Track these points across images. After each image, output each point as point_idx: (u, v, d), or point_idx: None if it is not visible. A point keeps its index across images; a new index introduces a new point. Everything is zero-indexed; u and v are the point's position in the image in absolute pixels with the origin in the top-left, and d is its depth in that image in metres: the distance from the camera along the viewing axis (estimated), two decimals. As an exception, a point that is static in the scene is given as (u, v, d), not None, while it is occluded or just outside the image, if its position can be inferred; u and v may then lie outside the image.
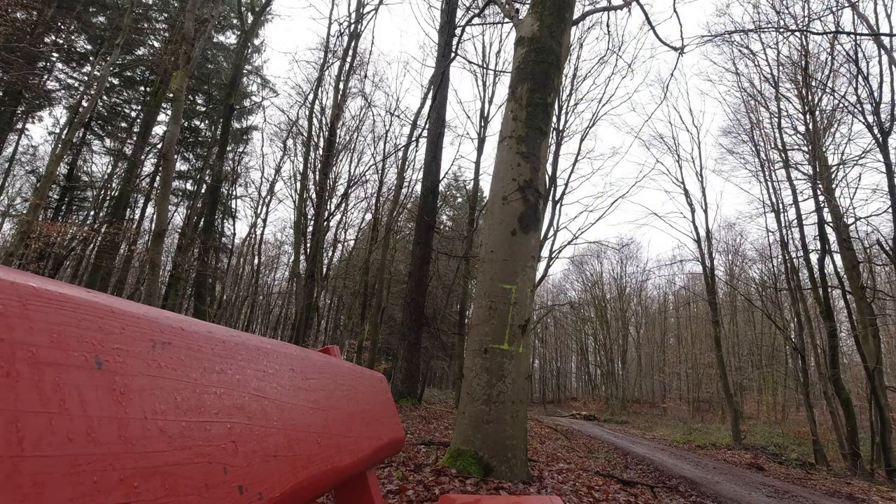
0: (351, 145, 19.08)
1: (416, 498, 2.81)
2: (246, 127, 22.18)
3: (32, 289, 0.36)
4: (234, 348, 0.64)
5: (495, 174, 4.26)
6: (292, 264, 17.60)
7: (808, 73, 12.34)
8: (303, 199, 16.21)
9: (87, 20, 16.26)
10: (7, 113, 13.70)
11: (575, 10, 5.20)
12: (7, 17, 10.97)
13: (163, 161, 8.25)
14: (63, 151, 11.28)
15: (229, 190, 21.35)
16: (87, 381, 0.38)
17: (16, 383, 0.32)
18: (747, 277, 25.48)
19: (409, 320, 11.01)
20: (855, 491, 7.23)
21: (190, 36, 7.80)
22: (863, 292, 10.01)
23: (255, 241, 22.92)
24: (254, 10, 18.68)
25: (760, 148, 15.88)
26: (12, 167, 17.12)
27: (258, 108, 21.90)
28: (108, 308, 0.43)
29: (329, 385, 0.97)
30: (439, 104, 9.56)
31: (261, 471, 0.60)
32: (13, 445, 0.31)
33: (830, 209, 11.43)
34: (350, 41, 15.77)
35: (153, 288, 6.60)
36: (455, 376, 16.46)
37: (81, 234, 14.79)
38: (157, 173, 17.47)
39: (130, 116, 19.18)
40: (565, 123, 16.71)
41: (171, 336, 0.51)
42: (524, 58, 4.43)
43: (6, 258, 10.58)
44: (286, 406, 0.74)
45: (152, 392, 0.45)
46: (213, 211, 16.49)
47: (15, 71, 11.54)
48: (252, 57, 20.80)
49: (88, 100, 13.72)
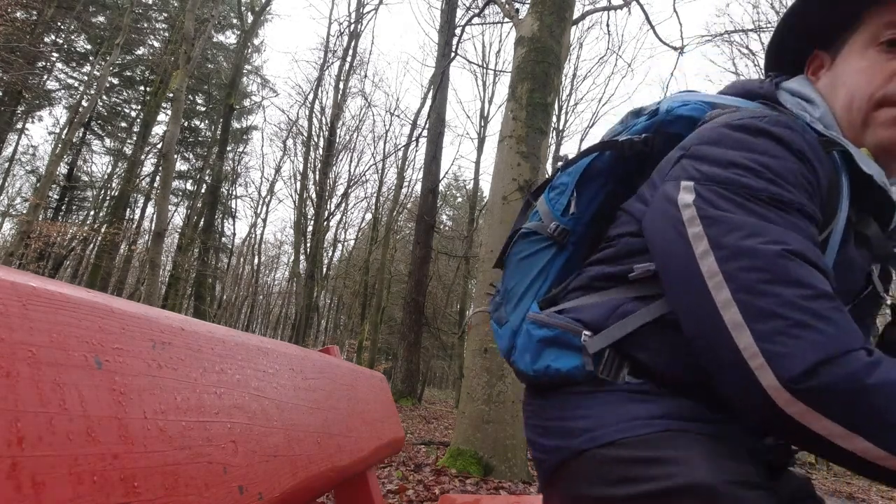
0: (351, 145, 19.11)
1: (416, 498, 2.81)
2: (246, 127, 22.20)
3: (32, 289, 0.36)
4: (233, 348, 0.64)
5: (495, 174, 4.26)
6: (292, 264, 17.62)
7: (808, 73, 12.35)
8: (303, 198, 16.22)
9: (86, 20, 16.27)
10: (7, 113, 13.71)
11: (575, 10, 5.20)
12: (7, 17, 10.97)
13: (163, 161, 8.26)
14: (63, 151, 11.29)
15: (229, 190, 21.37)
16: (87, 381, 0.38)
17: (16, 383, 0.32)
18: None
19: (409, 320, 11.01)
20: (855, 491, 7.24)
21: (190, 36, 7.81)
22: (863, 292, 10.04)
23: (255, 241, 22.95)
24: (254, 9, 18.69)
25: (760, 148, 15.87)
26: (12, 167, 17.14)
27: (258, 107, 21.92)
28: (108, 308, 0.43)
29: (329, 385, 0.97)
30: (439, 104, 9.58)
31: (261, 471, 0.60)
32: (13, 445, 0.31)
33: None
34: (350, 41, 15.78)
35: (153, 288, 6.61)
36: (455, 376, 16.50)
37: (81, 233, 14.80)
38: (157, 173, 17.47)
39: (130, 116, 19.18)
40: (565, 123, 16.73)
41: (171, 336, 0.51)
42: (524, 57, 4.43)
43: (6, 258, 10.59)
44: (286, 406, 0.74)
45: (152, 392, 0.45)
46: (213, 211, 16.51)
47: (15, 71, 11.55)
48: (252, 57, 20.82)
49: (88, 100, 13.73)
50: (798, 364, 0.49)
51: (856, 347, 0.50)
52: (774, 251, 0.53)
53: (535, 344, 0.72)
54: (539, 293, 0.79)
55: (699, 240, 0.57)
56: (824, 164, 0.61)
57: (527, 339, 0.74)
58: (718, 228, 0.56)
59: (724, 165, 0.60)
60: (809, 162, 0.60)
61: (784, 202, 0.57)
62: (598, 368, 0.65)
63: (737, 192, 0.57)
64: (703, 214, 0.57)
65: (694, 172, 0.61)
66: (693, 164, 0.62)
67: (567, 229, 0.79)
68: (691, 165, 0.62)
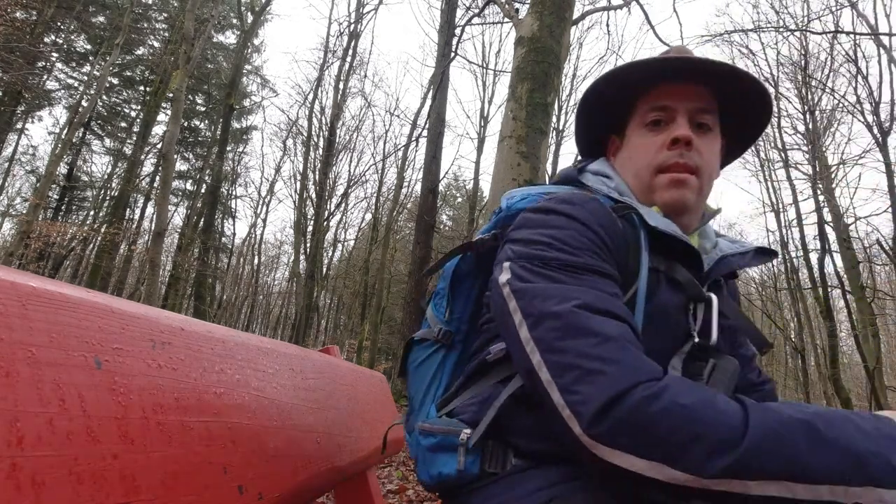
0: (351, 145, 19.11)
1: (416, 498, 2.81)
2: (246, 127, 22.18)
3: (32, 289, 0.36)
4: (233, 348, 0.64)
5: (495, 174, 4.26)
6: (292, 264, 17.62)
7: (807, 73, 12.34)
8: (303, 198, 16.23)
9: (86, 20, 16.26)
10: (7, 113, 13.70)
11: (575, 10, 5.20)
12: (7, 17, 10.97)
13: (163, 161, 8.26)
14: (63, 151, 11.29)
15: (229, 190, 21.35)
16: (86, 381, 0.38)
17: (15, 383, 0.32)
18: (747, 277, 25.48)
19: (408, 320, 11.00)
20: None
21: (190, 36, 7.80)
22: (863, 292, 10.02)
23: (255, 241, 22.93)
24: (254, 9, 18.69)
25: (760, 148, 15.86)
26: (12, 167, 17.12)
27: (258, 107, 21.90)
28: (108, 308, 0.43)
29: (329, 385, 0.97)
30: (439, 104, 9.58)
31: (261, 471, 0.60)
32: (13, 445, 0.31)
33: (830, 209, 11.44)
34: (350, 41, 15.78)
35: (153, 288, 6.61)
36: (455, 376, 16.44)
37: (81, 233, 14.79)
38: (156, 173, 17.46)
39: (130, 116, 19.18)
40: (565, 123, 16.71)
41: (170, 336, 0.51)
42: (524, 57, 4.43)
43: (6, 258, 10.58)
44: (286, 406, 0.74)
45: (152, 392, 0.45)
46: (213, 211, 16.50)
47: (15, 71, 11.54)
48: (252, 57, 20.81)
49: (88, 100, 13.74)
50: (591, 407, 0.54)
51: (642, 380, 0.54)
52: (567, 309, 0.60)
53: (426, 453, 0.74)
54: (437, 396, 0.82)
55: (515, 312, 0.64)
56: (614, 226, 0.72)
57: (418, 449, 0.76)
58: (525, 299, 0.64)
59: (526, 243, 0.69)
60: (592, 228, 0.69)
61: (573, 265, 0.65)
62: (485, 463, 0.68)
63: (536, 264, 0.66)
64: (514, 289, 0.66)
65: (510, 254, 0.70)
66: (509, 246, 0.72)
67: (450, 331, 0.84)
68: (508, 248, 0.72)
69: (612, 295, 0.64)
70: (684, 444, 0.50)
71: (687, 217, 0.80)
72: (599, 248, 0.68)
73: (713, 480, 0.50)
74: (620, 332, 0.59)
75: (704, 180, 0.79)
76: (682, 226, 0.78)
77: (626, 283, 0.70)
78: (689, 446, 0.50)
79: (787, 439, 0.50)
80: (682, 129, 0.77)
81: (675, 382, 0.55)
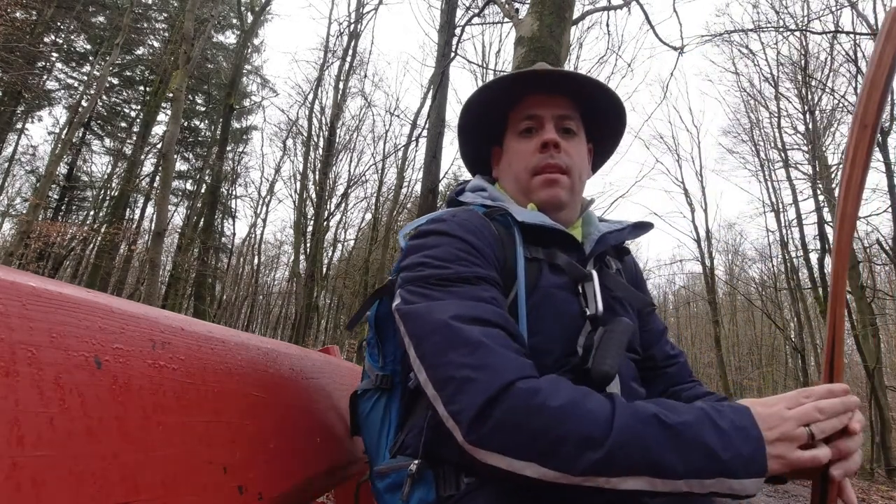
0: (351, 145, 19.08)
1: (416, 498, 2.80)
2: (246, 127, 22.16)
3: (32, 289, 0.36)
4: (233, 348, 0.64)
5: (495, 174, 4.26)
6: (292, 264, 17.63)
7: (807, 73, 12.34)
8: (303, 199, 16.22)
9: (86, 20, 16.26)
10: (7, 113, 13.70)
11: (575, 10, 5.20)
12: (7, 17, 10.97)
13: (163, 161, 8.26)
14: (63, 151, 11.29)
15: (229, 190, 21.33)
16: (87, 381, 0.38)
17: (16, 383, 0.32)
18: (747, 277, 25.47)
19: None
20: (854, 490, 7.23)
21: (190, 36, 7.81)
22: (862, 292, 10.01)
23: (255, 241, 22.92)
24: (254, 9, 18.68)
25: (760, 148, 15.90)
26: (12, 167, 17.11)
27: (258, 107, 21.87)
28: (108, 308, 0.43)
29: (329, 385, 0.97)
30: (439, 104, 9.58)
31: (261, 471, 0.60)
32: (13, 445, 0.31)
33: (830, 209, 11.44)
34: (350, 41, 15.77)
35: (153, 288, 6.61)
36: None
37: (81, 234, 14.79)
38: (156, 173, 17.45)
39: (130, 116, 19.16)
40: (565, 123, 16.64)
41: (170, 336, 0.51)
42: (524, 57, 4.43)
43: (6, 258, 10.59)
44: (286, 406, 0.74)
45: (152, 392, 0.45)
46: (213, 211, 16.49)
47: (15, 71, 11.54)
48: (252, 57, 20.79)
49: (88, 100, 13.73)
50: (468, 416, 0.56)
51: (511, 380, 0.57)
52: (442, 323, 0.63)
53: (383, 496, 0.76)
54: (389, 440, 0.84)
55: (405, 335, 0.67)
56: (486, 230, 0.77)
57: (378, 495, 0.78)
58: (409, 321, 0.67)
59: (409, 268, 0.73)
60: (462, 237, 0.74)
61: (446, 278, 0.69)
62: (439, 489, 0.70)
63: (418, 285, 0.70)
64: (402, 313, 0.69)
65: (400, 281, 0.74)
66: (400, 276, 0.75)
67: (388, 374, 0.87)
68: (399, 276, 0.75)
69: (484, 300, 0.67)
70: (554, 444, 0.53)
71: (565, 212, 0.87)
72: (470, 254, 0.72)
73: (582, 477, 0.53)
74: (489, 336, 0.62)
75: (575, 178, 0.87)
76: (562, 220, 0.86)
77: (508, 277, 0.75)
78: (558, 445, 0.53)
79: (649, 439, 0.53)
80: (550, 134, 0.85)
81: (548, 383, 0.57)
